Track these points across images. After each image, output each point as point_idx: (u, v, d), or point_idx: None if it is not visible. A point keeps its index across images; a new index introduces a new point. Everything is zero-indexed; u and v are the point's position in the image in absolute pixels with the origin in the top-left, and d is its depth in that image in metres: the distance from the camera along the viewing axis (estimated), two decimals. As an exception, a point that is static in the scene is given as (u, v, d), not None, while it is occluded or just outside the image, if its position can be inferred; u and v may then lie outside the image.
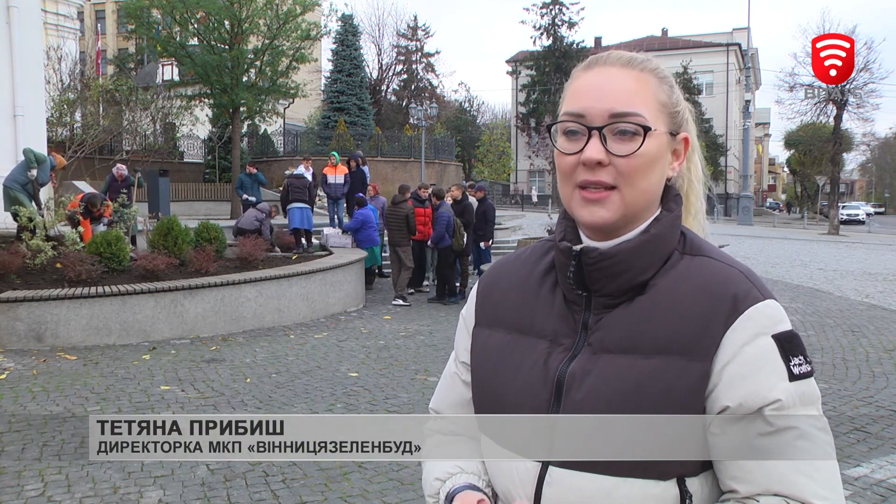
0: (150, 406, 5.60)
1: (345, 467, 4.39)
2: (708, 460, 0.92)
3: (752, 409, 0.89)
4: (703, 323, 0.92)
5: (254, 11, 18.86)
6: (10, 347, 7.37)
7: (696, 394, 0.90)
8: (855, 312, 10.10)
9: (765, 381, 0.90)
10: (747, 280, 0.95)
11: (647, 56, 1.03)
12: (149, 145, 24.38)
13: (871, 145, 66.49)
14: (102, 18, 50.67)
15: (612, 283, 0.98)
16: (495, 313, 1.10)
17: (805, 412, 0.90)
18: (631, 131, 0.95)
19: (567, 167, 0.98)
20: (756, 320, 0.91)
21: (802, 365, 0.92)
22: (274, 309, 9.08)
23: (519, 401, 1.00)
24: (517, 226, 23.69)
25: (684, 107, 1.04)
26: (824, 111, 29.83)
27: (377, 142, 25.84)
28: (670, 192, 1.04)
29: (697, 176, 1.11)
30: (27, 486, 4.08)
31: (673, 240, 1.00)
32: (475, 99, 68.00)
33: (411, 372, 6.80)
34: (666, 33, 51.70)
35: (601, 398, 0.93)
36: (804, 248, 20.69)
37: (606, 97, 0.96)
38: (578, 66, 1.05)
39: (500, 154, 46.16)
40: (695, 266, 0.98)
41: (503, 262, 1.18)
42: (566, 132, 0.98)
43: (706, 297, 0.93)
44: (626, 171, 0.95)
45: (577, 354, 0.98)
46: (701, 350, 0.91)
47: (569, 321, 1.01)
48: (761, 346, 0.91)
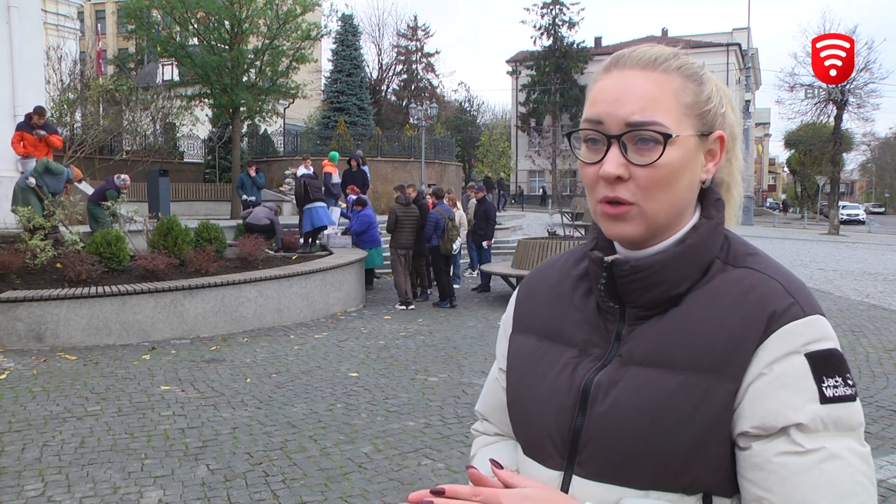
0: (150, 406, 5.60)
1: (345, 467, 4.39)
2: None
3: (773, 429, 0.83)
4: (737, 341, 0.87)
5: (254, 11, 18.83)
6: (10, 347, 7.37)
7: (723, 413, 0.86)
8: (855, 312, 10.10)
9: (789, 400, 0.83)
10: (789, 295, 0.88)
11: (673, 52, 0.95)
12: (149, 145, 24.35)
13: (872, 145, 66.49)
14: (102, 18, 50.67)
15: (644, 295, 0.94)
16: (529, 319, 1.09)
17: (840, 439, 0.83)
18: (651, 139, 0.89)
19: (590, 179, 0.94)
20: (790, 338, 0.85)
21: (840, 387, 0.84)
22: (274, 309, 9.08)
23: (544, 408, 0.99)
24: (517, 226, 23.71)
25: (718, 101, 0.96)
26: (824, 111, 29.84)
27: (377, 142, 25.79)
28: (711, 195, 0.97)
29: (738, 167, 1.05)
30: (27, 486, 4.08)
31: (712, 249, 0.95)
32: (475, 99, 68.06)
33: (411, 372, 6.80)
34: (666, 33, 51.70)
35: (626, 410, 0.90)
36: (804, 248, 20.69)
37: (623, 104, 0.91)
38: (600, 65, 0.99)
39: (499, 154, 46.15)
40: (735, 277, 0.92)
41: (541, 267, 1.16)
42: (587, 140, 0.94)
43: (743, 312, 0.88)
44: (646, 185, 0.90)
45: (606, 365, 0.95)
46: (732, 369, 0.86)
47: (601, 331, 0.99)
48: (791, 364, 0.84)
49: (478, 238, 13.33)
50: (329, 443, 4.82)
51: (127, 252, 9.00)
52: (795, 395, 0.84)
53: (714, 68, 45.87)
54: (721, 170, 1.02)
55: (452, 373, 6.77)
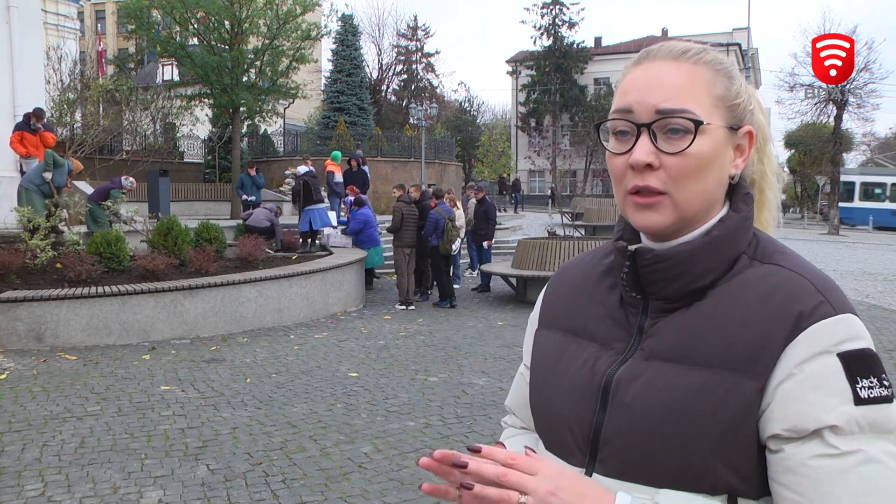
0: (150, 406, 5.60)
1: (345, 467, 4.39)
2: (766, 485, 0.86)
3: (805, 432, 0.80)
4: (763, 338, 0.85)
5: (254, 12, 18.84)
6: (10, 347, 7.37)
7: (747, 412, 0.84)
8: (855, 312, 10.09)
9: (822, 402, 0.80)
10: (818, 293, 0.86)
11: (703, 47, 0.95)
12: (149, 145, 24.37)
13: (872, 145, 66.50)
14: (103, 18, 50.68)
15: (668, 286, 0.93)
16: (554, 315, 1.08)
17: (877, 442, 0.80)
18: (681, 128, 0.89)
19: (618, 170, 0.93)
20: (821, 337, 0.83)
21: (875, 388, 0.81)
22: (274, 309, 9.08)
23: (565, 403, 0.98)
24: (517, 226, 23.71)
25: (747, 98, 0.96)
26: (824, 111, 29.81)
27: (377, 142, 25.80)
28: (740, 190, 0.96)
29: (771, 168, 1.04)
30: (27, 486, 4.08)
31: (740, 243, 0.93)
32: (475, 99, 68.08)
33: (411, 372, 6.80)
34: (666, 33, 51.69)
35: (647, 405, 0.89)
36: (804, 248, 20.68)
37: (654, 92, 0.91)
38: (629, 60, 0.98)
39: (499, 154, 46.18)
40: (762, 274, 0.90)
41: (569, 263, 1.16)
42: (616, 132, 0.93)
43: (770, 309, 0.86)
44: (676, 174, 0.89)
45: (628, 359, 0.94)
46: (758, 367, 0.84)
47: (623, 324, 0.98)
48: (823, 365, 0.82)
49: (478, 238, 13.34)
50: (329, 443, 4.82)
51: (127, 252, 9.00)
52: (828, 397, 0.81)
53: (714, 68, 45.96)
54: (750, 167, 1.01)
55: (452, 373, 6.76)
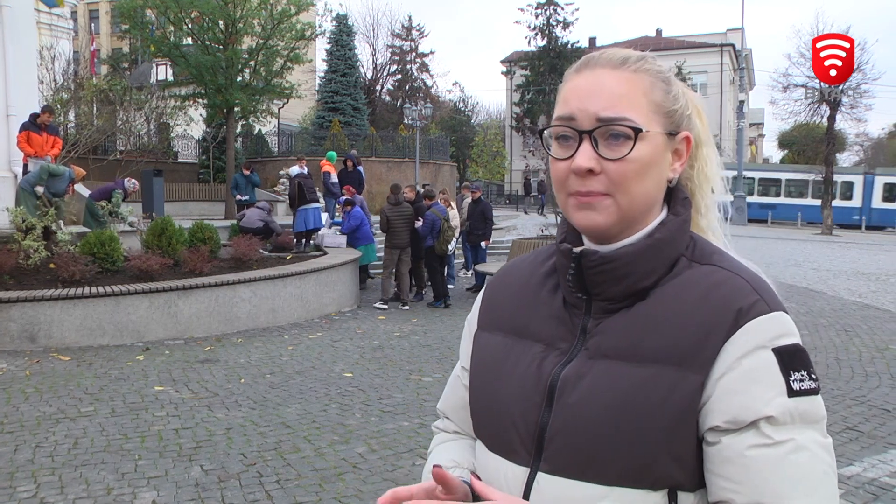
0: (144, 407, 5.59)
1: (339, 468, 4.39)
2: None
3: (743, 423, 0.85)
4: (703, 334, 0.88)
5: (248, 11, 18.81)
6: (3, 348, 7.34)
7: (690, 406, 0.87)
8: (848, 312, 10.14)
9: (759, 395, 0.85)
10: (754, 291, 0.90)
11: (642, 55, 0.99)
12: (143, 145, 24.28)
13: (865, 145, 66.81)
14: (96, 18, 50.44)
15: (612, 287, 0.95)
16: (496, 316, 1.09)
17: (805, 431, 0.85)
18: (622, 135, 0.92)
19: (560, 174, 0.95)
20: (757, 333, 0.87)
21: (805, 381, 0.86)
22: (268, 309, 9.06)
23: (511, 404, 0.99)
24: (512, 226, 23.72)
25: (685, 104, 1.00)
26: (818, 111, 29.90)
27: (372, 142, 25.77)
28: (678, 194, 1.00)
29: (705, 174, 1.06)
30: (20, 487, 4.06)
31: (679, 245, 0.97)
32: (470, 99, 67.94)
33: (406, 372, 6.80)
34: (660, 34, 51.76)
35: (593, 404, 0.91)
36: (798, 248, 20.74)
37: (595, 100, 0.93)
38: (571, 67, 1.02)
39: (494, 154, 46.17)
40: (700, 274, 0.94)
41: (510, 265, 1.17)
42: (558, 137, 0.96)
43: (709, 307, 0.90)
44: (617, 178, 0.92)
45: (572, 359, 0.96)
46: (698, 362, 0.88)
47: (567, 325, 0.99)
48: (759, 359, 0.86)
49: (474, 238, 13.33)
50: (323, 443, 4.82)
51: (121, 252, 8.97)
52: (766, 389, 0.85)
53: (708, 68, 45.98)
54: (687, 176, 1.05)
55: (447, 373, 6.76)
